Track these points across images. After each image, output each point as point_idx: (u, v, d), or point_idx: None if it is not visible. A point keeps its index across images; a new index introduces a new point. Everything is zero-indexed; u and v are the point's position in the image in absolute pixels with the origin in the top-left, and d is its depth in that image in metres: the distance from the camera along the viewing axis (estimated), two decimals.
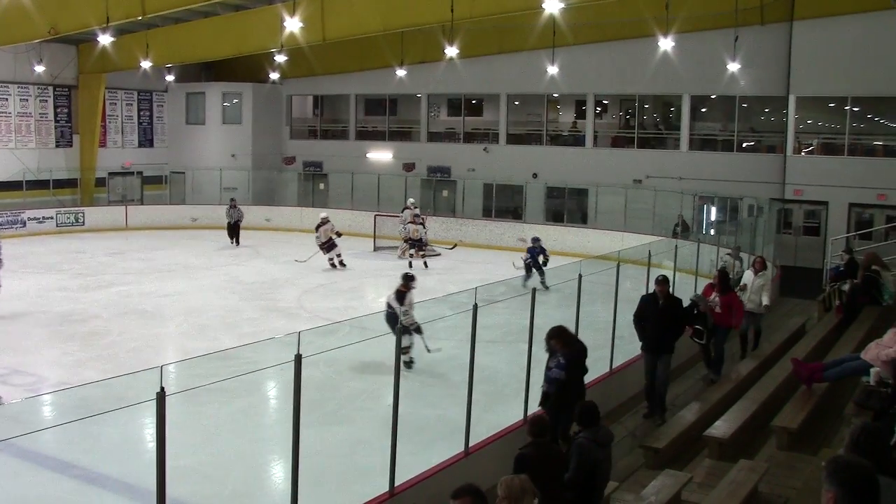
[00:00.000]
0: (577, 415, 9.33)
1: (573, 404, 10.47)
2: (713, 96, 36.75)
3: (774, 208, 30.37)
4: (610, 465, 9.54)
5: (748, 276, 18.01)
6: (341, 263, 29.79)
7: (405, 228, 31.40)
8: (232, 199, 37.03)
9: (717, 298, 15.73)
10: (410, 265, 28.66)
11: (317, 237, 30.25)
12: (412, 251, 30.65)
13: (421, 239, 30.54)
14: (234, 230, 35.80)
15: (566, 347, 11.62)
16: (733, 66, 31.73)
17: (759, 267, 17.84)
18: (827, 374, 12.87)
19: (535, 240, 26.83)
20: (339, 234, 30.18)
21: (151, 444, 6.72)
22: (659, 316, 13.82)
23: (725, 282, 16.24)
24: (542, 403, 11.87)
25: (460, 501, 6.74)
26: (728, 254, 22.34)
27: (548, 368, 11.78)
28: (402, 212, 33.27)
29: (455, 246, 31.94)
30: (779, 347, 16.84)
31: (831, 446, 11.35)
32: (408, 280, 16.82)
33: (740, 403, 12.84)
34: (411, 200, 34.36)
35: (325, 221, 30.21)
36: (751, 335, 17.84)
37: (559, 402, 11.60)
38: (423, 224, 31.22)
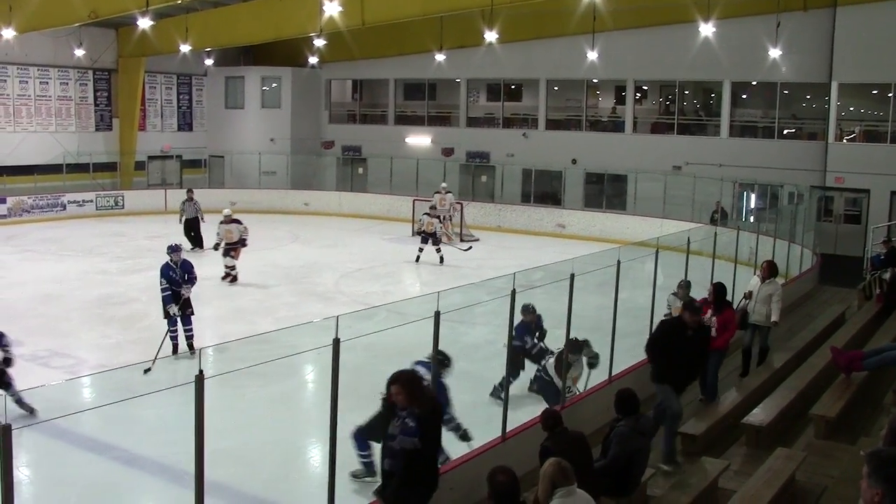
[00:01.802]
0: (616, 404, 9.26)
1: (424, 485, 8.52)
2: (754, 83, 36.41)
3: (815, 196, 30.10)
4: (648, 454, 9.48)
5: (754, 283, 15.48)
6: (233, 279, 24.95)
7: (420, 220, 29.69)
8: (189, 190, 32.68)
9: (713, 318, 13.10)
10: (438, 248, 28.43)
11: (218, 234, 26.21)
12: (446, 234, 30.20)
13: (435, 233, 28.66)
14: (191, 228, 30.94)
15: (415, 402, 8.46)
16: (775, 53, 31.44)
17: (767, 273, 15.34)
18: (866, 362, 12.77)
19: (528, 310, 14.74)
20: (243, 244, 25.60)
21: (189, 427, 6.72)
22: (688, 348, 11.54)
23: (722, 298, 13.73)
24: (379, 491, 8.86)
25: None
26: (674, 293, 16.17)
27: (389, 437, 8.53)
28: (433, 195, 33.02)
29: (471, 248, 30.64)
30: (818, 336, 16.70)
31: (870, 435, 11.25)
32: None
33: (778, 391, 12.74)
34: (444, 185, 34.14)
35: (228, 219, 26.06)
36: (755, 351, 15.45)
37: (406, 483, 8.47)
38: (439, 218, 29.72)
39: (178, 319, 17.18)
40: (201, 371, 6.63)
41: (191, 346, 17.10)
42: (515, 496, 6.66)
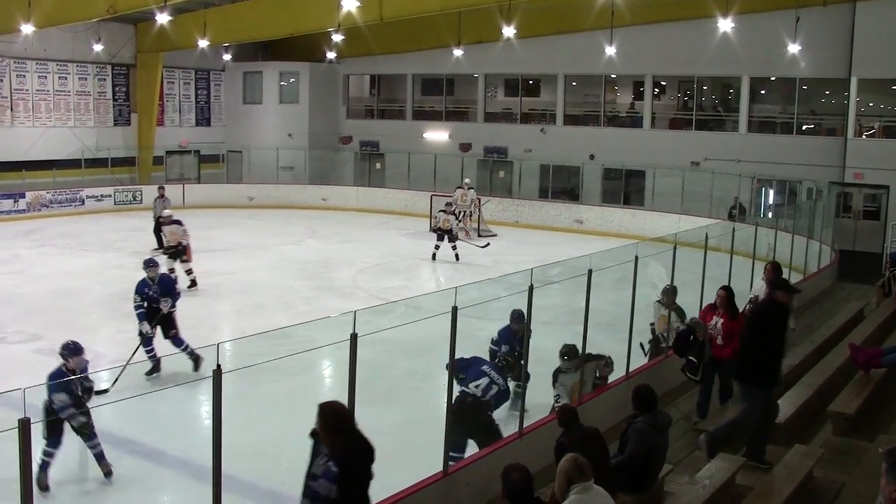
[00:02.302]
0: (633, 399, 9.24)
1: None
2: (773, 78, 36.29)
3: (834, 192, 29.97)
4: (666, 450, 9.46)
5: (759, 287, 14.28)
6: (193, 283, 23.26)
7: (437, 216, 29.23)
8: (160, 188, 31.20)
9: (719, 325, 12.20)
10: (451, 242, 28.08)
11: (164, 237, 24.50)
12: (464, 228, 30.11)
13: (451, 230, 28.10)
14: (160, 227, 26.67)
15: (329, 444, 7.35)
16: (794, 48, 31.33)
17: (772, 275, 13.54)
18: (885, 359, 12.71)
19: (519, 318, 12.91)
20: (179, 251, 23.46)
21: (207, 421, 6.75)
22: (782, 332, 10.69)
23: (733, 304, 12.52)
24: None
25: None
26: (658, 301, 14.67)
27: (311, 476, 7.52)
28: (455, 190, 32.98)
29: (488, 244, 30.05)
30: (836, 332, 16.62)
31: (889, 433, 11.24)
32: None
33: (796, 388, 12.69)
34: (467, 181, 34.08)
35: (169, 220, 24.04)
36: None
37: None
38: (455, 215, 29.28)
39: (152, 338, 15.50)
40: (219, 366, 6.65)
41: (195, 360, 14.87)
42: (529, 494, 6.65)
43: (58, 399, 10.54)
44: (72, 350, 11.34)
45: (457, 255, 27.86)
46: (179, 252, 23.27)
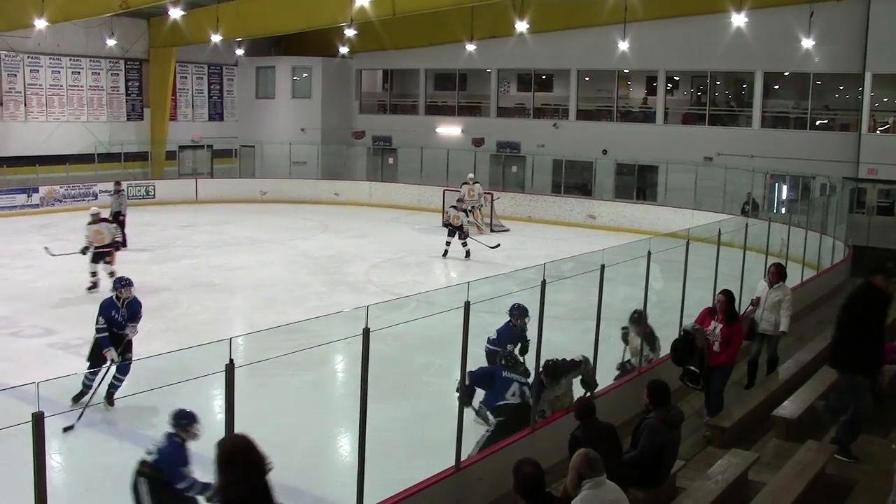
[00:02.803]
0: (648, 394, 9.22)
1: None
2: (786, 73, 36.16)
3: (847, 187, 29.88)
4: (678, 445, 9.46)
5: (761, 288, 14.22)
6: (94, 286, 21.86)
7: (447, 212, 28.97)
8: (117, 182, 30.39)
9: (717, 330, 11.95)
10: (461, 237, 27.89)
11: (86, 237, 22.21)
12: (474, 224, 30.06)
13: (461, 226, 27.81)
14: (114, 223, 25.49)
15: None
16: (808, 43, 31.25)
17: (775, 278, 14.01)
18: None
19: (520, 312, 13.40)
20: (116, 247, 22.40)
21: (220, 416, 6.75)
22: (882, 318, 10.43)
23: (733, 308, 12.31)
24: None
25: None
26: (624, 328, 13.50)
27: None
28: (461, 186, 32.94)
29: (499, 245, 29.12)
30: None
31: None
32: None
33: (809, 384, 12.66)
34: (470, 176, 34.00)
35: (97, 218, 22.43)
36: (762, 360, 14.21)
37: None
38: (465, 211, 28.83)
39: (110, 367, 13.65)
40: (231, 360, 6.67)
41: (111, 400, 13.49)
42: (541, 488, 6.66)
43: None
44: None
45: (467, 252, 27.61)
46: (103, 254, 21.94)
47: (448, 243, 27.96)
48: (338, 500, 10.53)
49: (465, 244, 27.74)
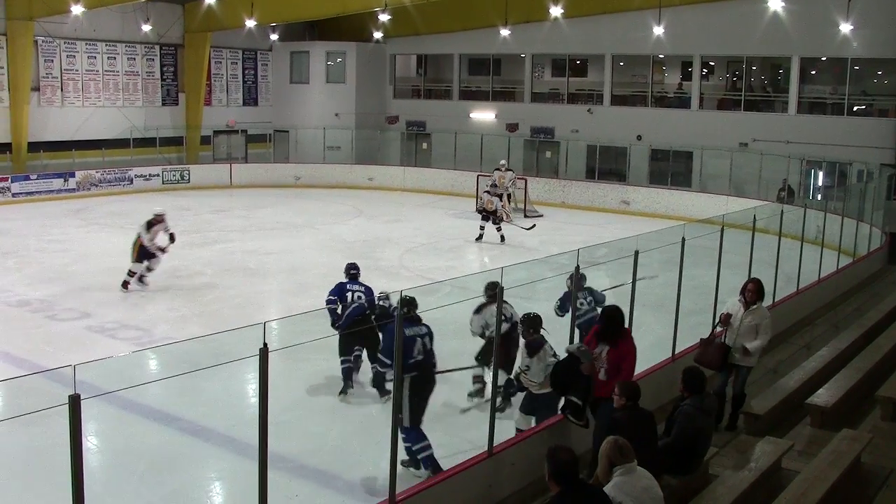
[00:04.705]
0: (683, 381, 9.16)
1: None
2: (824, 58, 35.81)
3: (885, 174, 29.57)
4: (712, 433, 9.42)
5: (733, 306, 11.76)
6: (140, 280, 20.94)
7: (481, 198, 29.29)
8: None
9: (603, 354, 9.84)
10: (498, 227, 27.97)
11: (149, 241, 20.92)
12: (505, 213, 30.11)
13: (496, 211, 27.95)
14: None
15: None
16: (846, 27, 30.87)
17: (753, 296, 11.59)
18: None
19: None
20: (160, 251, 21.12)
21: (253, 399, 6.78)
22: None
23: (615, 327, 10.03)
24: None
25: None
26: (550, 355, 11.23)
27: None
28: (493, 172, 32.86)
29: (534, 226, 29.16)
30: (886, 316, 16.47)
31: None
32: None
33: (844, 372, 12.58)
34: (503, 162, 33.92)
35: (159, 219, 21.37)
36: (729, 392, 11.78)
37: None
38: (499, 196, 28.72)
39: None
40: (265, 344, 6.69)
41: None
42: (575, 475, 6.65)
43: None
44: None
45: (502, 237, 27.76)
46: (150, 255, 20.95)
47: (482, 228, 28.02)
48: (371, 485, 10.57)
49: (499, 229, 27.81)
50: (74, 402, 5.49)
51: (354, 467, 11.19)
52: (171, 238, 21.23)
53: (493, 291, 10.57)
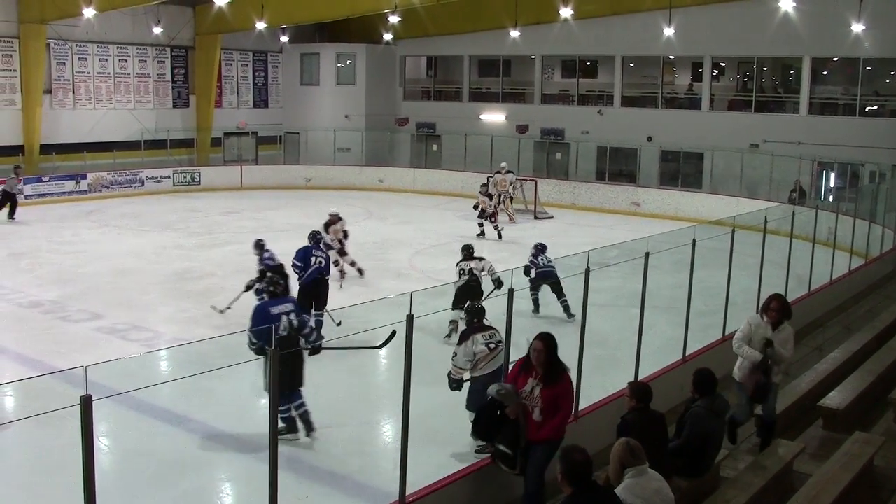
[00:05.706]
0: (694, 383, 9.15)
1: None
2: (835, 59, 35.72)
3: None
4: (723, 435, 9.41)
5: (756, 323, 10.24)
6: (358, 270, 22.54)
7: (477, 199, 29.75)
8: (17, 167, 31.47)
9: (536, 392, 8.55)
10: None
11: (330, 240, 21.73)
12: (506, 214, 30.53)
13: (485, 210, 28.93)
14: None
15: None
16: (858, 27, 30.74)
17: (778, 315, 10.19)
18: None
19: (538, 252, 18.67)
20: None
21: (263, 401, 6.79)
22: None
23: (556, 360, 8.66)
24: None
25: None
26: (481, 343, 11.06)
27: None
28: (494, 175, 32.94)
29: (552, 216, 29.66)
30: None
31: None
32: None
33: (857, 374, 12.55)
34: (503, 164, 33.91)
35: (335, 219, 22.67)
36: (745, 420, 10.70)
37: None
38: (489, 196, 29.47)
39: None
40: (275, 345, 6.70)
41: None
42: (589, 476, 6.64)
43: None
44: None
45: (499, 234, 28.66)
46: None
47: (480, 224, 29.02)
48: (380, 485, 10.56)
49: (496, 227, 28.69)
50: (86, 403, 5.50)
51: (364, 469, 11.19)
52: (345, 234, 22.56)
53: (468, 252, 11.49)
